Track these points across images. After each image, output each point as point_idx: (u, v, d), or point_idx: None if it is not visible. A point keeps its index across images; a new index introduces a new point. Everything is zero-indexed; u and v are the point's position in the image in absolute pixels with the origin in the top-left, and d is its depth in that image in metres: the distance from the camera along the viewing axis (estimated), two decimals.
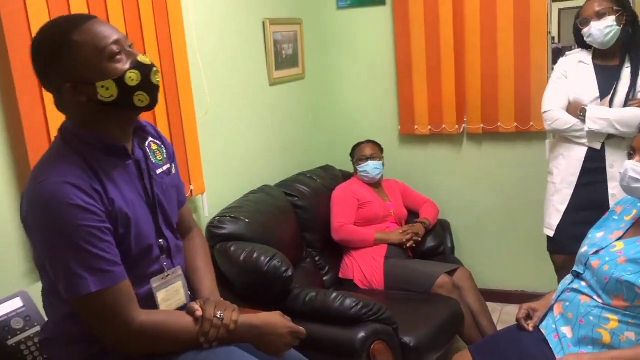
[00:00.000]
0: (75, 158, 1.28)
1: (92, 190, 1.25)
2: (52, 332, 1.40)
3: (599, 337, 1.70)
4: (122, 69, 1.26)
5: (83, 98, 1.26)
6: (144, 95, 1.30)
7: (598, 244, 1.83)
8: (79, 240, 1.21)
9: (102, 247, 1.24)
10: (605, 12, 2.40)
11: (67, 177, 1.23)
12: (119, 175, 1.34)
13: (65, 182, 1.22)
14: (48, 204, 1.21)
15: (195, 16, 2.43)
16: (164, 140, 1.55)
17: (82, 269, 1.22)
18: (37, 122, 1.73)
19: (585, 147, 2.48)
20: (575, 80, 2.53)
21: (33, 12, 1.69)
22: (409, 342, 2.35)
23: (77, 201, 1.21)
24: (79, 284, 1.22)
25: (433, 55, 3.23)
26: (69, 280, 1.23)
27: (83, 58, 1.24)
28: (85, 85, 1.25)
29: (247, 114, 2.88)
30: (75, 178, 1.23)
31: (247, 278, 2.31)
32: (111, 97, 1.26)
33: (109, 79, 1.25)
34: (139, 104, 1.30)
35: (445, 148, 3.42)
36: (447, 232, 3.21)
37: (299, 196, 2.94)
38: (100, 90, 1.25)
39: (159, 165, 1.47)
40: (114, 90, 1.26)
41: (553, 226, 2.59)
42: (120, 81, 1.26)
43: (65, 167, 1.25)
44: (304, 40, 3.32)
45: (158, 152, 1.48)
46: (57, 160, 1.27)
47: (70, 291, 1.24)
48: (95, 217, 1.24)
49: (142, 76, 1.28)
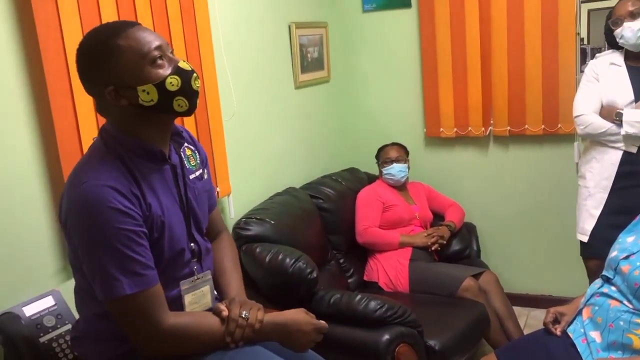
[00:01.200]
0: (115, 161, 1.31)
1: (131, 194, 1.28)
2: (82, 330, 1.44)
3: (629, 343, 1.67)
4: (163, 74, 1.29)
5: (124, 102, 1.29)
6: (183, 100, 1.32)
7: (628, 249, 1.80)
8: (116, 243, 1.24)
9: (138, 250, 1.27)
10: (639, 12, 2.34)
11: (108, 180, 1.26)
12: (156, 179, 1.37)
13: (106, 186, 1.25)
14: (89, 206, 1.24)
15: (222, 20, 2.46)
16: (198, 145, 1.58)
17: (117, 271, 1.25)
18: (69, 125, 1.78)
19: (620, 151, 2.44)
20: (608, 83, 2.47)
21: (65, 18, 1.74)
22: (434, 346, 2.34)
23: (117, 205, 1.24)
24: (114, 286, 1.25)
25: (459, 57, 3.21)
26: (104, 281, 1.26)
27: (126, 62, 1.27)
28: (127, 90, 1.28)
29: (272, 116, 2.90)
30: (116, 182, 1.27)
31: (273, 279, 2.33)
32: (151, 101, 1.29)
33: (150, 84, 1.28)
34: (178, 108, 1.33)
35: (471, 150, 3.39)
36: (473, 235, 3.19)
37: (324, 198, 2.95)
38: (141, 94, 1.28)
39: (192, 170, 1.50)
40: (155, 94, 1.29)
41: (587, 231, 2.54)
42: (161, 86, 1.29)
43: (106, 171, 1.28)
44: (330, 43, 3.34)
45: (192, 158, 1.51)
46: (98, 163, 1.31)
47: (105, 292, 1.27)
48: (133, 220, 1.27)
49: (182, 82, 1.31)
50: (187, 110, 1.35)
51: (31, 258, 1.73)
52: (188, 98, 1.33)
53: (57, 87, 1.73)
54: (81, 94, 1.77)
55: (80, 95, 1.79)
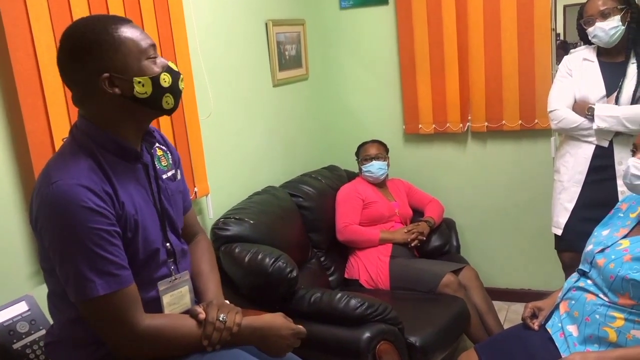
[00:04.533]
0: (87, 159, 1.29)
1: (104, 192, 1.26)
2: (57, 336, 1.41)
3: (605, 336, 1.69)
4: (157, 70, 1.32)
5: (117, 91, 1.28)
6: (171, 98, 1.35)
7: (604, 242, 1.81)
8: (89, 242, 1.22)
9: (112, 250, 1.25)
10: (609, 12, 2.37)
11: (79, 179, 1.23)
12: (129, 178, 1.35)
13: (78, 184, 1.22)
14: (60, 206, 1.21)
15: (197, 18, 2.43)
16: (170, 146, 1.56)
17: (91, 271, 1.22)
18: (40, 126, 1.74)
19: (593, 145, 2.47)
20: (581, 78, 2.50)
21: (35, 17, 1.70)
22: (415, 342, 2.35)
23: (89, 204, 1.22)
24: (88, 287, 1.23)
25: (436, 54, 3.22)
26: (77, 282, 1.23)
27: (126, 52, 1.28)
28: (121, 79, 1.28)
29: (251, 115, 2.88)
30: (88, 180, 1.24)
31: (252, 279, 2.31)
32: (145, 94, 1.30)
33: (147, 76, 1.30)
34: (165, 105, 1.35)
35: (449, 147, 3.41)
36: (453, 231, 3.21)
37: (303, 197, 2.94)
38: (137, 85, 1.29)
39: (163, 170, 1.48)
40: (149, 87, 1.30)
41: (561, 224, 2.58)
42: (155, 80, 1.31)
43: (77, 169, 1.26)
44: (307, 40, 3.32)
45: (163, 158, 1.50)
46: (69, 161, 1.28)
47: (78, 294, 1.24)
48: (106, 220, 1.25)
49: (172, 81, 1.34)
50: (171, 109, 1.38)
51: (3, 262, 1.69)
52: (175, 97, 1.36)
53: (27, 88, 1.70)
54: (52, 93, 1.76)
55: (52, 95, 1.76)
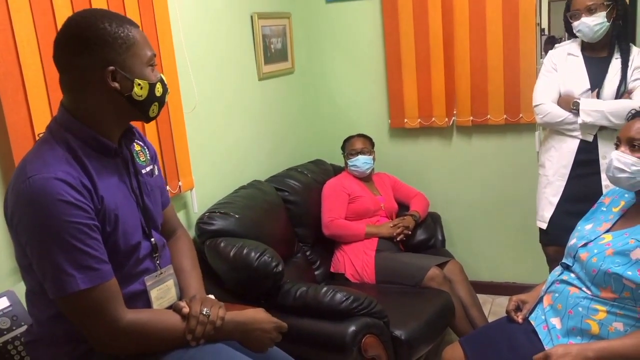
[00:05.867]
0: (65, 153, 1.27)
1: (82, 186, 1.24)
2: (37, 334, 1.39)
3: (588, 328, 1.71)
4: (154, 79, 1.36)
5: (116, 86, 1.29)
6: (157, 107, 1.39)
7: (587, 236, 1.83)
8: (68, 236, 1.20)
9: (91, 244, 1.23)
10: (596, 8, 2.38)
11: (56, 172, 1.22)
12: (108, 172, 1.34)
13: (55, 178, 1.21)
14: (37, 200, 1.19)
15: (181, 10, 2.41)
16: (146, 141, 1.56)
17: (70, 266, 1.21)
18: (22, 119, 1.71)
19: (578, 139, 2.48)
20: (565, 73, 2.52)
21: (16, 11, 1.68)
22: (400, 336, 2.36)
23: (67, 197, 1.20)
24: (68, 282, 1.21)
25: (422, 48, 3.22)
26: (56, 278, 1.21)
27: (135, 54, 1.30)
28: (124, 77, 1.29)
29: (236, 109, 2.86)
30: (65, 174, 1.22)
31: (238, 274, 2.31)
32: (140, 97, 1.33)
33: (147, 81, 1.33)
34: (150, 112, 1.38)
35: (435, 141, 3.41)
36: (438, 225, 3.22)
37: (289, 191, 2.93)
38: (136, 87, 1.31)
39: (142, 166, 1.48)
40: (146, 92, 1.33)
41: (546, 218, 2.59)
42: (152, 87, 1.35)
43: (54, 162, 1.24)
44: (293, 34, 3.31)
45: (141, 153, 1.50)
46: (46, 155, 1.26)
47: (58, 289, 1.22)
48: (85, 213, 1.23)
49: (163, 92, 1.39)
50: (153, 117, 1.40)
51: None
52: (160, 107, 1.40)
53: (8, 81, 1.67)
54: (34, 86, 1.73)
55: (33, 88, 1.73)
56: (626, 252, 1.66)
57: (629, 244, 1.67)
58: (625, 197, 1.87)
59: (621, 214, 1.84)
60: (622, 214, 1.83)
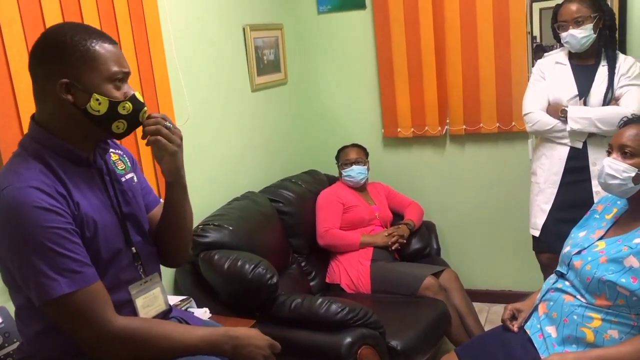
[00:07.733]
0: (36, 164, 1.27)
1: (57, 193, 1.24)
2: (27, 352, 1.38)
3: (583, 336, 1.71)
4: (117, 96, 1.31)
5: (70, 99, 1.27)
6: (123, 124, 1.34)
7: (580, 244, 1.83)
8: (47, 242, 1.20)
9: (71, 248, 1.23)
10: (582, 20, 2.40)
11: (30, 181, 1.22)
12: (82, 180, 1.34)
13: (29, 187, 1.21)
14: (13, 210, 1.19)
15: (173, 22, 2.41)
16: (122, 148, 1.56)
17: (52, 271, 1.20)
18: (12, 135, 1.71)
19: (567, 147, 2.49)
20: (554, 81, 2.54)
21: (4, 17, 1.69)
22: (396, 346, 2.35)
23: (42, 203, 1.20)
24: (51, 286, 1.20)
25: (414, 58, 3.24)
26: (40, 283, 1.20)
27: (92, 68, 1.27)
28: (78, 90, 1.27)
29: (229, 120, 2.86)
30: (39, 182, 1.23)
31: (232, 287, 2.29)
32: (98, 112, 1.29)
33: (106, 97, 1.29)
34: (115, 129, 1.34)
35: (428, 150, 3.42)
36: (433, 234, 3.22)
37: (284, 202, 2.92)
38: (93, 102, 1.28)
39: (122, 174, 1.48)
40: (105, 108, 1.29)
41: (538, 226, 2.60)
42: (114, 104, 1.30)
43: (26, 174, 1.24)
44: (285, 45, 3.32)
45: (120, 162, 1.49)
46: (19, 167, 1.26)
47: (42, 295, 1.21)
48: (62, 218, 1.23)
49: (132, 110, 1.33)
50: (121, 134, 1.36)
51: None
52: (130, 124, 1.35)
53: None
54: (26, 100, 1.72)
55: (25, 102, 1.73)
56: (620, 259, 1.66)
57: (622, 251, 1.67)
58: (617, 204, 1.88)
59: (614, 221, 1.84)
60: (615, 221, 1.84)
